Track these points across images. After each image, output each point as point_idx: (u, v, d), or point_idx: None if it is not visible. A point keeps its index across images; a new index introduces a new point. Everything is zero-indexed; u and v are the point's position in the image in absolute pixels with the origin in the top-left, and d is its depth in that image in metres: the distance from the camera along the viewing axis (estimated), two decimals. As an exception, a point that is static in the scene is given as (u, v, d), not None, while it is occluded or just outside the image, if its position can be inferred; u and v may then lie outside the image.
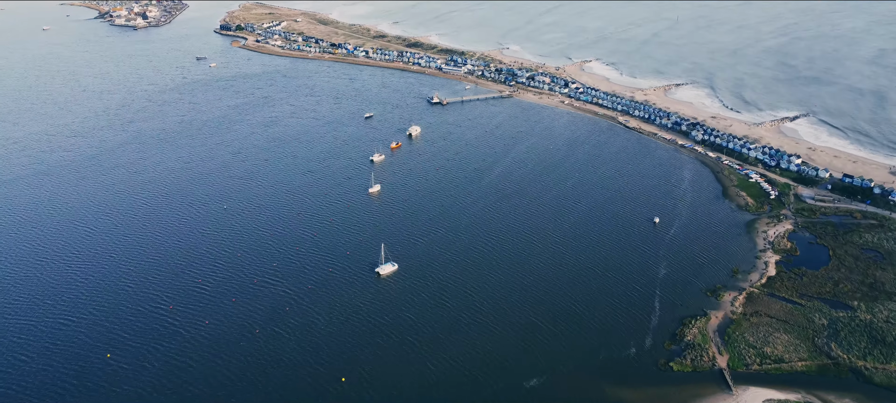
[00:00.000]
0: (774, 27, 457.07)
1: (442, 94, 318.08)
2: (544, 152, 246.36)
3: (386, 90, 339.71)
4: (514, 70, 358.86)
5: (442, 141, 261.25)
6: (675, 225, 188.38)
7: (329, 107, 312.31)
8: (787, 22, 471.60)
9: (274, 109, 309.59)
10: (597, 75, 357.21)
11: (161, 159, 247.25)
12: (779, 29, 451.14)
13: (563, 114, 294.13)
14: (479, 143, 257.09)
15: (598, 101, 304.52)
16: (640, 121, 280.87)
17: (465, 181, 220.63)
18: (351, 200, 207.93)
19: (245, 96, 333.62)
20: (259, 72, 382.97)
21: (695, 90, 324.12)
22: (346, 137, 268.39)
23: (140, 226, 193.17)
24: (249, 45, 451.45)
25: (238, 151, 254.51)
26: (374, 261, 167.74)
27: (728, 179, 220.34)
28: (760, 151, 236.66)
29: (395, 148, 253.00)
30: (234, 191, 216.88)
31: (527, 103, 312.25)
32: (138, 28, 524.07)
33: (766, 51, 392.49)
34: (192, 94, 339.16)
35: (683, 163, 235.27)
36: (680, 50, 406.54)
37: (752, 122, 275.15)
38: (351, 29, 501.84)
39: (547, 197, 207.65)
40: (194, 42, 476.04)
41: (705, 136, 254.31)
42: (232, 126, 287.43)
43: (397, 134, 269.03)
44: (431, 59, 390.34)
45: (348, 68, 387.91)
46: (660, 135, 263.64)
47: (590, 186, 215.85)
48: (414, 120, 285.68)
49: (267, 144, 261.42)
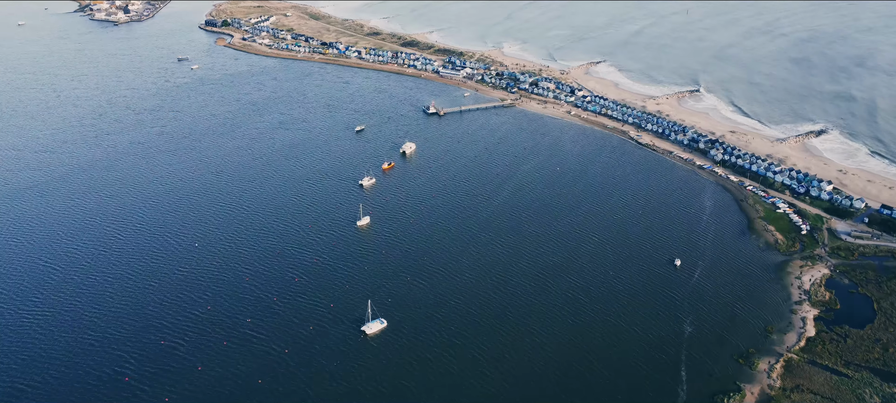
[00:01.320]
0: (794, 26, 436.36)
1: (439, 103, 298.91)
2: (551, 175, 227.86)
3: (379, 97, 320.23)
4: (517, 74, 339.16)
5: (439, 160, 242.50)
6: (699, 268, 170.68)
7: (320, 116, 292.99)
8: (807, 20, 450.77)
9: (262, 119, 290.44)
10: (605, 80, 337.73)
11: (134, 182, 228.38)
12: (799, 28, 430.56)
13: (569, 127, 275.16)
14: (480, 164, 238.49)
15: (608, 112, 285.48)
16: (654, 136, 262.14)
17: (463, 212, 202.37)
18: (337, 236, 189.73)
19: (230, 103, 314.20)
20: (245, 75, 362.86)
21: (711, 99, 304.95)
22: (335, 154, 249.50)
23: (99, 271, 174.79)
24: (235, 43, 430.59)
25: (220, 170, 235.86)
26: (361, 317, 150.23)
27: (753, 209, 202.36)
28: (787, 176, 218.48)
29: (387, 169, 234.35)
30: (210, 222, 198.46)
31: (530, 114, 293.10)
32: (119, 23, 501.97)
33: (786, 52, 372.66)
34: (175, 101, 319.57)
35: (703, 189, 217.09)
36: (692, 49, 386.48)
37: (775, 138, 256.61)
38: (343, 25, 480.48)
39: (554, 232, 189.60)
40: (178, 39, 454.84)
41: (726, 156, 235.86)
42: (216, 138, 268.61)
43: (390, 151, 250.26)
44: (428, 61, 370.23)
45: (340, 70, 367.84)
46: (676, 153, 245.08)
47: (602, 217, 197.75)
48: (408, 134, 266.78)
49: (252, 163, 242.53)
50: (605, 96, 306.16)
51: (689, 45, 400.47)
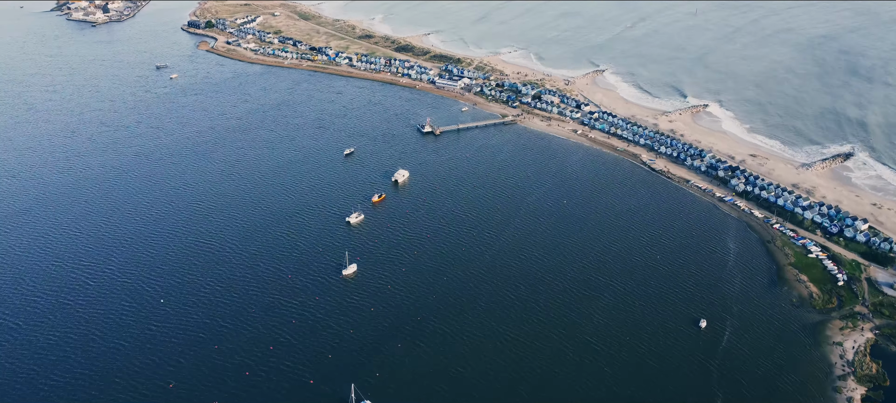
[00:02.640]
0: (812, 26, 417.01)
1: (435, 121, 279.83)
2: (558, 210, 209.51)
3: (371, 112, 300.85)
4: (518, 86, 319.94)
5: (434, 191, 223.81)
6: (727, 330, 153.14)
7: (307, 135, 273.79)
8: (823, 18, 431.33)
9: (245, 137, 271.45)
10: (612, 92, 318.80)
11: (101, 219, 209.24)
12: (816, 28, 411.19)
13: (576, 150, 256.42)
14: (479, 196, 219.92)
15: (617, 132, 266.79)
16: (668, 160, 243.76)
17: (463, 258, 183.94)
18: (320, 287, 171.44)
19: (213, 118, 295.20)
20: (229, 84, 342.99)
21: (728, 116, 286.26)
22: (321, 183, 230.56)
23: (44, 335, 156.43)
24: (219, 47, 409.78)
25: (198, 203, 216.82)
26: (344, 398, 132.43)
27: (782, 253, 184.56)
28: (817, 212, 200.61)
29: (377, 201, 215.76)
30: (180, 273, 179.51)
31: (533, 132, 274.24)
32: (97, 24, 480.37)
33: (802, 55, 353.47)
34: (153, 116, 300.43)
35: (726, 227, 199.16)
36: (704, 55, 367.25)
37: (800, 163, 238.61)
38: (334, 26, 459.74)
39: (565, 282, 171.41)
40: (159, 42, 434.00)
41: (748, 187, 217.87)
42: (196, 160, 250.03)
43: (381, 179, 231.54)
44: (423, 69, 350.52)
45: (330, 80, 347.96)
46: (693, 182, 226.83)
47: (616, 262, 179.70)
48: (402, 158, 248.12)
49: (232, 193, 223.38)
50: (613, 112, 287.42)
51: (699, 51, 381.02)
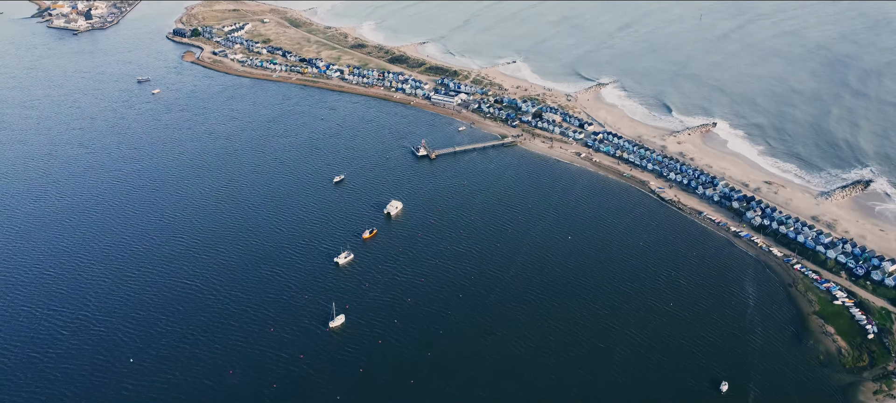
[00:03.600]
0: (822, 31, 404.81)
1: (430, 143, 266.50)
2: (564, 247, 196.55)
3: (363, 132, 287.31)
4: (518, 103, 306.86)
5: (430, 225, 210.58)
6: (751, 395, 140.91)
7: (295, 158, 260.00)
8: (834, 23, 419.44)
9: (231, 161, 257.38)
10: (616, 109, 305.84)
11: (72, 259, 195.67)
12: (831, 36, 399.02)
13: (580, 176, 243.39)
14: (478, 230, 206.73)
15: (623, 155, 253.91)
16: (679, 188, 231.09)
17: (460, 306, 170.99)
18: (304, 342, 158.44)
19: (198, 139, 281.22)
20: (215, 99, 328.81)
21: (738, 137, 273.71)
22: (309, 216, 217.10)
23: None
24: (205, 58, 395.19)
25: (176, 239, 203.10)
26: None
27: (805, 299, 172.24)
28: (841, 251, 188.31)
29: (368, 238, 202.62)
30: (152, 323, 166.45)
31: (535, 156, 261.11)
32: (79, 32, 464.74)
33: (813, 60, 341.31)
34: (135, 136, 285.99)
35: (743, 267, 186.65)
36: (711, 67, 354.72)
37: (818, 192, 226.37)
38: (325, 34, 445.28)
39: (573, 336, 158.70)
40: (142, 52, 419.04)
41: (765, 220, 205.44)
42: (178, 187, 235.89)
43: (372, 212, 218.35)
44: (418, 83, 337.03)
45: (322, 95, 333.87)
46: (706, 213, 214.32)
47: (627, 310, 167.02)
48: (394, 185, 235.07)
49: (216, 229, 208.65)
50: (618, 132, 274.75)
51: (704, 62, 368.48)
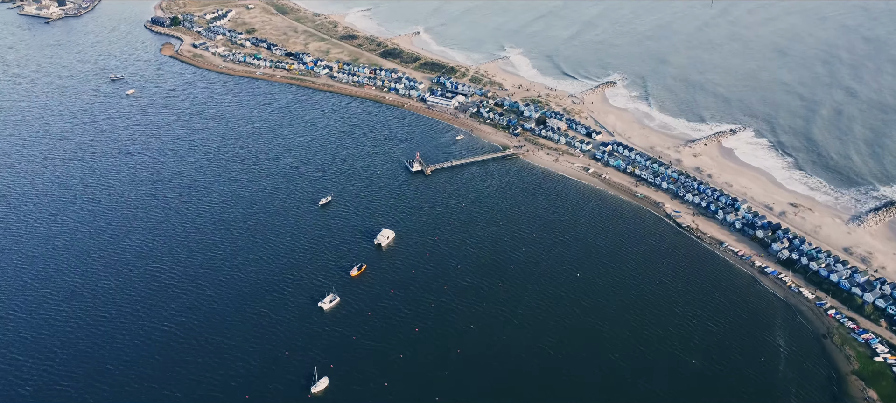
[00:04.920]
0: (854, 24, 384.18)
1: (425, 156, 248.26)
2: (574, 286, 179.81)
3: (353, 140, 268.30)
4: (520, 106, 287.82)
5: (424, 259, 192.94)
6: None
7: (277, 175, 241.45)
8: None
9: (209, 178, 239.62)
10: (626, 113, 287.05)
11: (18, 298, 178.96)
12: (857, 27, 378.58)
13: (589, 196, 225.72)
14: (479, 264, 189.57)
15: (635, 171, 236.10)
16: (696, 212, 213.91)
17: (459, 362, 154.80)
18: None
19: (176, 149, 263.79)
20: (193, 103, 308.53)
21: (759, 147, 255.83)
22: (291, 250, 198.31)
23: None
24: (184, 52, 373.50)
25: (145, 278, 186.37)
26: None
27: (842, 354, 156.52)
28: (879, 293, 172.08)
29: (357, 275, 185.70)
30: (111, 385, 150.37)
31: (539, 171, 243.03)
32: (52, 20, 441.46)
33: (837, 47, 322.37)
34: (108, 144, 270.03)
35: (771, 312, 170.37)
36: (724, 62, 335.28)
37: (849, 216, 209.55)
38: (314, 22, 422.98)
39: (592, 400, 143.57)
40: (118, 45, 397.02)
41: (793, 254, 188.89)
42: (151, 214, 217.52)
43: (361, 243, 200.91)
44: (412, 83, 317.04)
45: (309, 97, 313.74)
46: (727, 243, 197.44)
47: (648, 364, 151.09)
48: (386, 210, 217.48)
49: (189, 266, 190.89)
50: (629, 142, 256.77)
51: (718, 59, 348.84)
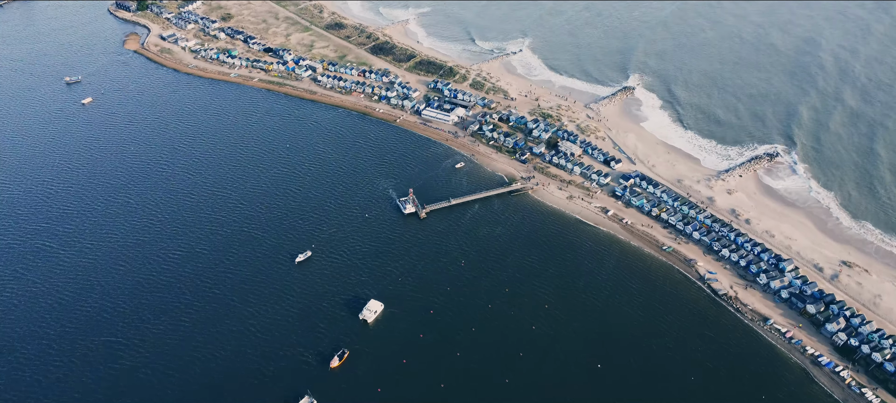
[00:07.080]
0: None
1: (420, 194, 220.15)
2: (593, 385, 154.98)
3: (336, 171, 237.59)
4: (528, 122, 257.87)
5: (417, 342, 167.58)
6: None
7: (252, 223, 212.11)
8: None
9: (171, 224, 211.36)
10: (646, 132, 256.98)
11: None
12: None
13: (609, 248, 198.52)
14: (481, 350, 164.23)
15: (661, 215, 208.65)
16: (734, 273, 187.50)
17: None
18: None
19: (135, 178, 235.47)
20: (156, 116, 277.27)
21: (803, 174, 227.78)
22: (261, 331, 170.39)
23: None
24: (150, 46, 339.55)
25: (69, 366, 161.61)
26: None
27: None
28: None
29: (337, 366, 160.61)
30: None
31: (551, 213, 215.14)
32: (5, 3, 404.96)
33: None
34: (59, 169, 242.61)
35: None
36: (764, 73, 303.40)
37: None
38: (297, 6, 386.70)
39: None
40: (79, 34, 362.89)
41: (851, 339, 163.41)
42: (100, 273, 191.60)
43: (344, 317, 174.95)
44: (405, 89, 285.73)
45: (288, 107, 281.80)
46: (773, 320, 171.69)
47: None
48: (373, 271, 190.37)
49: (136, 354, 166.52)
50: (653, 171, 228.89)
51: (756, 66, 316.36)
